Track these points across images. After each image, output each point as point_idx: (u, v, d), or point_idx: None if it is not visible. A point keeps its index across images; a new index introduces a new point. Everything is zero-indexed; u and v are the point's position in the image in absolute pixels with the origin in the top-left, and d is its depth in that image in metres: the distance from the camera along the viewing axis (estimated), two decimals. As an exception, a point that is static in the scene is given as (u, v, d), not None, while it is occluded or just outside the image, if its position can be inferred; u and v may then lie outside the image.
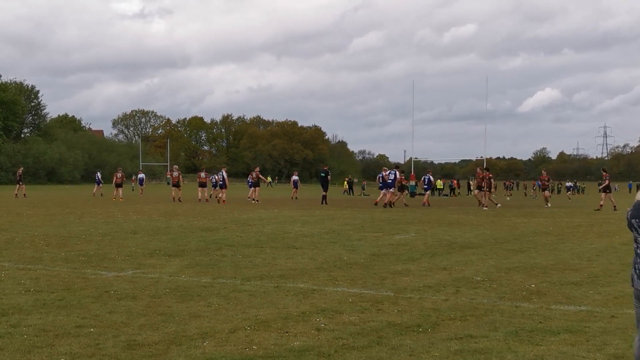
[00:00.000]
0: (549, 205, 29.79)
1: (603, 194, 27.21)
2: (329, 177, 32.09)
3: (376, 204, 28.36)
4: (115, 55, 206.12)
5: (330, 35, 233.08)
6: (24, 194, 34.75)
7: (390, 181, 27.36)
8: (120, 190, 33.83)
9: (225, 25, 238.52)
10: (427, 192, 30.93)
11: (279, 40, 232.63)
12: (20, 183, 35.51)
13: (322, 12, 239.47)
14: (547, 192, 31.25)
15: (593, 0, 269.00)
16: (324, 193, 30.66)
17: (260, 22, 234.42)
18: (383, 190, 27.86)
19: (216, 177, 40.81)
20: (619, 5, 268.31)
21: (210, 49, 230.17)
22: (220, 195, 31.17)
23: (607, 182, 27.30)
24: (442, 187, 57.99)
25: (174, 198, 31.87)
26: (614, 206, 26.78)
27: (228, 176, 34.24)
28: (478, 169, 31.00)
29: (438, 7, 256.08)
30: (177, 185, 32.42)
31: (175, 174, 33.05)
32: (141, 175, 47.13)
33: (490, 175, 28.98)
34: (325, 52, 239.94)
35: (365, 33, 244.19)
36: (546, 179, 31.71)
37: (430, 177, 31.39)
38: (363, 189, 65.02)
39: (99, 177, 39.39)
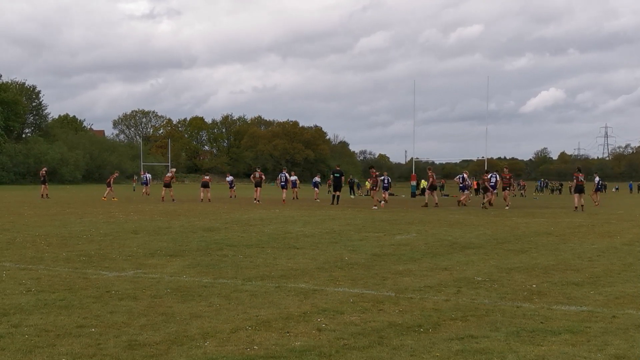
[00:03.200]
0: (508, 207, 28.13)
1: (576, 195, 27.43)
2: (343, 177, 32.38)
3: (459, 202, 30.47)
4: (121, 56, 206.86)
5: (336, 36, 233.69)
6: (46, 194, 34.83)
7: (492, 184, 29.25)
8: (108, 190, 34.42)
9: (232, 25, 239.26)
10: (466, 191, 31.02)
11: (284, 40, 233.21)
12: (45, 184, 35.62)
13: (329, 12, 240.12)
14: (506, 192, 28.93)
15: (599, 1, 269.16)
16: (337, 193, 30.71)
17: (267, 23, 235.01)
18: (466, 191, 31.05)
19: (229, 178, 41.54)
20: (625, 6, 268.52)
21: (216, 49, 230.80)
22: (283, 196, 32.39)
23: (575, 182, 27.88)
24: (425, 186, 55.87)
25: (162, 198, 32.29)
26: (576, 207, 26.76)
27: (225, 177, 34.93)
28: (429, 170, 31.43)
29: (445, 8, 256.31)
30: (168, 185, 32.73)
31: (168, 174, 33.54)
32: (147, 175, 47.26)
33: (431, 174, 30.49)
34: (330, 53, 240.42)
35: (372, 33, 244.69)
36: (507, 177, 29.01)
37: (465, 176, 31.31)
38: (442, 189, 57.85)
39: (148, 178, 41.79)
